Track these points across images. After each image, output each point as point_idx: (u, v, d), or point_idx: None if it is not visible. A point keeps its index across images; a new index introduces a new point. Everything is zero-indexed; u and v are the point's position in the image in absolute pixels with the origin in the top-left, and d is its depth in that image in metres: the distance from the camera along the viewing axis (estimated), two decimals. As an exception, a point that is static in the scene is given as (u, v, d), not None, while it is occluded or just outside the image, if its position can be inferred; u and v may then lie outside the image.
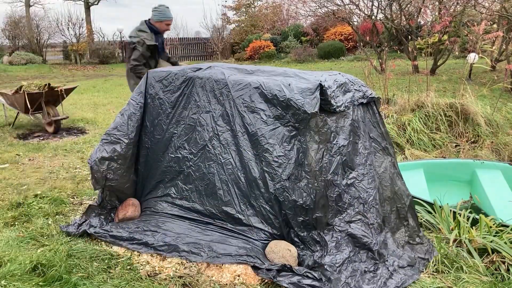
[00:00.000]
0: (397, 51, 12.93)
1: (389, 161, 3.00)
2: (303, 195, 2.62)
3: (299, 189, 2.63)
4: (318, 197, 2.61)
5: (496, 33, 6.04)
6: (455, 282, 2.52)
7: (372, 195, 2.79)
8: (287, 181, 2.66)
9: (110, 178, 3.16)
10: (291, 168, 2.65)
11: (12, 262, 2.66)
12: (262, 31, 22.77)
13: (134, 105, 3.29)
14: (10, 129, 6.73)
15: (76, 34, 22.48)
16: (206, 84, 3.05)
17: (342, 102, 2.82)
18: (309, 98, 2.65)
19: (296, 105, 2.64)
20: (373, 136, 2.99)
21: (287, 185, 2.65)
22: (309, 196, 2.61)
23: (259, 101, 2.81)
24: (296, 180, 2.64)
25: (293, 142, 2.68)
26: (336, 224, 2.68)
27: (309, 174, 2.62)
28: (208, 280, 2.55)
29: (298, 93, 2.67)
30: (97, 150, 3.15)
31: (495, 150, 4.94)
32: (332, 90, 2.79)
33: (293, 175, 2.65)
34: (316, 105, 2.63)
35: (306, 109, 2.60)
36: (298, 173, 2.65)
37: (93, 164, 3.11)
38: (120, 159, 3.18)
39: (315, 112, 2.61)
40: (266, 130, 2.75)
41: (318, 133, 2.63)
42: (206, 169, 2.99)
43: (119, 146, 3.17)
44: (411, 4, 11.64)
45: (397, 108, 5.83)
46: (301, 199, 2.62)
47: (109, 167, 3.14)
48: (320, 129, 2.63)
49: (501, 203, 3.72)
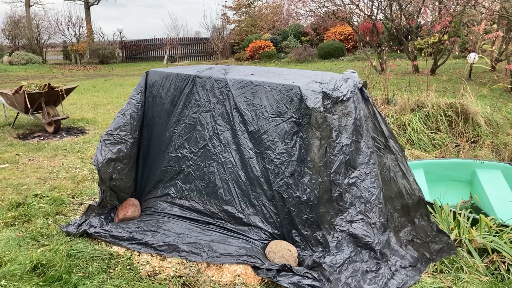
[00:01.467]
0: (397, 51, 12.94)
1: (393, 160, 2.98)
2: (306, 191, 2.63)
3: (302, 186, 2.64)
4: (322, 192, 2.62)
5: (496, 33, 6.04)
6: (455, 282, 2.52)
7: (375, 194, 2.78)
8: (290, 178, 2.67)
9: (115, 178, 3.17)
10: (294, 165, 2.67)
11: (12, 262, 2.66)
12: (262, 31, 22.77)
13: (135, 104, 3.29)
14: (10, 129, 6.73)
15: (76, 34, 22.49)
16: (206, 83, 3.05)
17: (347, 89, 2.88)
18: (312, 95, 2.66)
19: (299, 100, 2.65)
20: (375, 135, 2.99)
21: (290, 182, 2.67)
22: (312, 192, 2.62)
23: (260, 98, 2.82)
24: (299, 177, 2.65)
25: (295, 138, 2.70)
26: (338, 224, 2.68)
27: (312, 170, 2.63)
28: (208, 280, 2.55)
29: (302, 88, 2.69)
30: (101, 152, 3.13)
31: (495, 150, 4.95)
32: (335, 81, 2.85)
33: (296, 171, 2.66)
34: (318, 101, 2.65)
35: (308, 104, 2.62)
36: (301, 169, 2.66)
37: (100, 166, 3.09)
38: (126, 158, 3.19)
39: (317, 107, 2.62)
40: (268, 127, 2.77)
41: (319, 129, 2.65)
42: (207, 168, 3.00)
43: (124, 146, 3.17)
44: (411, 4, 11.63)
45: (397, 108, 5.83)
46: (305, 195, 2.62)
47: (114, 167, 3.15)
48: (320, 125, 2.64)
49: (501, 203, 3.72)
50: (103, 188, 3.19)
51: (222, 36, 23.06)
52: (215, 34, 23.04)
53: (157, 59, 23.93)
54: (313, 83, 2.76)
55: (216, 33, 23.06)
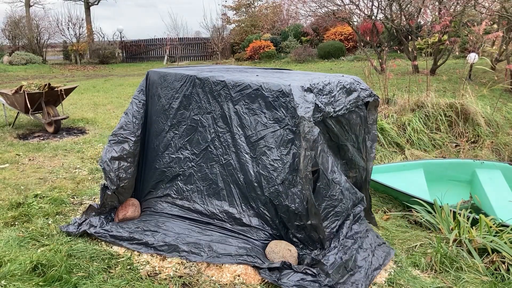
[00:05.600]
0: (397, 51, 12.94)
1: None
2: (296, 201, 2.58)
3: (292, 195, 2.60)
4: (309, 204, 2.56)
5: (496, 33, 6.04)
6: (455, 282, 2.52)
7: None
8: (280, 185, 2.63)
9: (122, 178, 3.17)
10: (285, 173, 2.62)
11: (12, 262, 2.66)
12: (262, 31, 22.77)
13: (137, 103, 3.31)
14: (10, 129, 6.73)
15: (76, 34, 22.49)
16: (206, 85, 3.04)
17: (343, 105, 2.82)
18: (304, 104, 2.58)
19: (294, 108, 2.58)
20: None
21: (280, 189, 2.64)
22: (301, 203, 2.57)
23: (259, 102, 2.79)
24: (290, 186, 2.61)
25: (290, 146, 2.63)
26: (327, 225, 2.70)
27: (302, 180, 2.57)
28: (208, 280, 2.55)
29: (296, 96, 2.60)
30: (106, 152, 3.16)
31: (495, 150, 4.95)
32: (334, 93, 2.79)
33: (287, 180, 2.62)
34: (309, 111, 2.55)
35: (299, 113, 2.54)
36: (292, 178, 2.60)
37: (104, 165, 3.12)
38: (130, 157, 3.20)
39: (306, 117, 2.53)
40: (265, 133, 2.72)
41: (305, 139, 2.54)
42: (209, 169, 2.99)
43: (127, 145, 3.19)
44: (411, 4, 11.63)
45: (397, 108, 5.83)
46: (294, 205, 2.59)
47: (120, 166, 3.16)
48: (306, 135, 2.53)
49: (501, 203, 3.73)
50: (113, 188, 3.14)
51: (222, 36, 23.05)
52: (215, 34, 23.04)
53: (157, 59, 23.94)
54: (308, 92, 2.65)
55: (216, 33, 23.06)
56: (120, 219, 3.19)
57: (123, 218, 3.19)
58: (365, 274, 2.55)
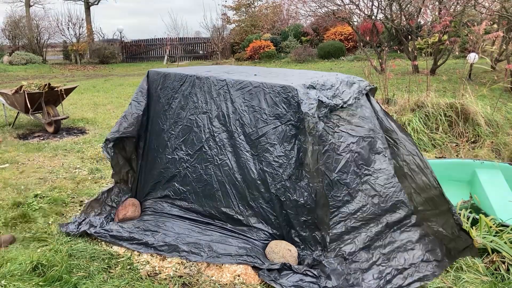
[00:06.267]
0: (397, 51, 12.93)
1: (407, 154, 2.97)
2: (304, 195, 2.62)
3: (300, 189, 2.63)
4: (318, 196, 2.61)
5: (496, 33, 6.04)
6: (455, 282, 2.52)
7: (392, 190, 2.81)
8: (288, 181, 2.65)
9: (125, 126, 3.29)
10: (291, 168, 2.65)
11: (12, 262, 2.66)
12: (262, 31, 22.76)
13: (136, 105, 3.33)
14: (10, 129, 6.72)
15: (76, 34, 22.48)
16: (205, 84, 3.04)
17: (350, 95, 2.89)
18: (308, 100, 2.64)
19: (297, 104, 2.64)
20: (387, 133, 3.02)
21: (288, 185, 2.65)
22: (310, 195, 2.61)
23: (259, 99, 2.80)
24: (297, 180, 2.64)
25: (294, 141, 2.67)
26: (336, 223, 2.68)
27: (309, 174, 2.62)
28: (208, 280, 2.55)
29: (300, 92, 2.67)
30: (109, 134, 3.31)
31: (495, 150, 4.94)
32: (337, 87, 2.84)
33: (294, 175, 2.65)
34: (313, 107, 2.62)
35: (303, 109, 2.60)
36: (298, 172, 2.64)
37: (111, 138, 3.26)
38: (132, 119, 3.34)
39: (310, 113, 2.60)
40: (266, 130, 2.74)
41: (311, 134, 2.61)
42: (203, 170, 2.99)
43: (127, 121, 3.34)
44: (411, 4, 11.63)
45: (397, 108, 5.83)
46: (302, 199, 2.61)
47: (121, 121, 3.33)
48: (311, 131, 2.60)
49: (501, 203, 3.72)
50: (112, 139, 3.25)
51: (222, 36, 23.04)
52: (215, 34, 23.03)
53: (157, 59, 23.93)
54: (311, 89, 2.73)
55: (216, 33, 23.04)
56: (120, 219, 3.19)
57: (123, 218, 3.19)
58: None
